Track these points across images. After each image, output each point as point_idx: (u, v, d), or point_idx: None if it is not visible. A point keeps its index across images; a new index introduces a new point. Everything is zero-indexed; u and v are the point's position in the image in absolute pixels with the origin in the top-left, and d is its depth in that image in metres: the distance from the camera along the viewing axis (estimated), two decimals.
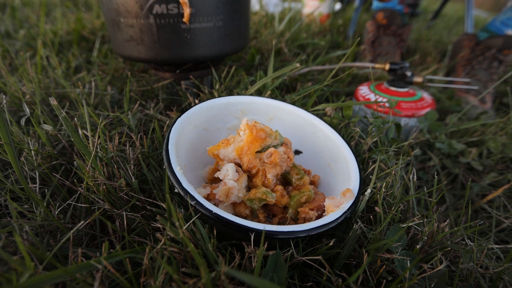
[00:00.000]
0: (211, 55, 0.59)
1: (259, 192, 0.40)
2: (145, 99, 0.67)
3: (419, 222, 0.39)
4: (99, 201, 0.38)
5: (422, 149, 0.63)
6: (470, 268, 0.36)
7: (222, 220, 0.31)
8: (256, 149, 0.42)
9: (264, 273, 0.29)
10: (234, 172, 0.40)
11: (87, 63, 0.79)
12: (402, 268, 0.34)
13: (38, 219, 0.35)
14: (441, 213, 0.55)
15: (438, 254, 0.34)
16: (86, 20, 0.97)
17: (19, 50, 0.78)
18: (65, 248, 0.33)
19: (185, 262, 0.31)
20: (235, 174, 0.40)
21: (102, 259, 0.26)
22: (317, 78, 0.80)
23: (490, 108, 0.81)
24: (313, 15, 1.26)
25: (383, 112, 0.62)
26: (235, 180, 0.40)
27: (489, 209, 0.51)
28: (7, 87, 0.57)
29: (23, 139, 0.45)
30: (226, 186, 0.39)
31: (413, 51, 1.19)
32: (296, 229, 0.33)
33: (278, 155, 0.41)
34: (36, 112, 0.48)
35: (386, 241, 0.34)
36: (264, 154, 0.41)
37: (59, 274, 0.24)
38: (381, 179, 0.45)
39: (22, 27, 0.90)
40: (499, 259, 0.43)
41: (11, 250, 0.31)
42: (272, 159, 0.41)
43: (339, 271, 0.35)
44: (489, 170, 0.60)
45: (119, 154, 0.43)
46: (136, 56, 0.57)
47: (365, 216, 0.42)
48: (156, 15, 0.52)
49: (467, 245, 0.39)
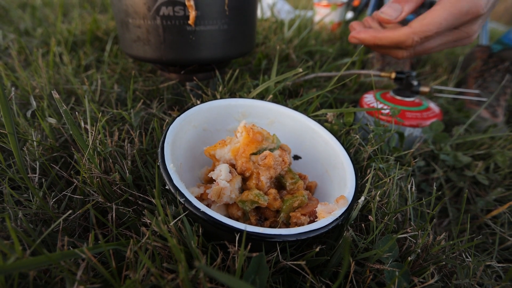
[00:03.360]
0: (216, 58, 0.59)
1: (251, 194, 0.39)
2: (150, 98, 0.68)
3: (414, 233, 0.37)
4: (93, 193, 0.38)
5: (426, 160, 0.61)
6: (466, 285, 0.35)
7: (208, 219, 0.31)
8: (251, 151, 0.42)
9: (246, 275, 0.28)
10: (227, 173, 0.40)
11: (98, 62, 0.81)
12: (391, 280, 0.32)
13: (34, 207, 0.36)
14: (442, 228, 0.53)
15: (430, 268, 0.33)
16: (101, 21, 1.00)
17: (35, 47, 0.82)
18: (56, 237, 0.34)
19: (169, 258, 0.31)
20: (228, 175, 0.40)
21: (85, 249, 0.26)
22: (323, 85, 0.80)
23: (502, 122, 0.78)
24: (323, 22, 1.26)
25: (386, 120, 0.61)
26: (228, 181, 0.40)
27: (493, 225, 0.49)
28: (19, 81, 0.60)
29: (28, 131, 0.47)
30: (218, 186, 0.39)
31: (424, 62, 1.17)
32: (285, 232, 0.32)
33: (272, 158, 0.41)
34: (42, 105, 0.50)
35: (376, 250, 0.33)
36: (259, 156, 0.41)
37: (43, 260, 0.25)
38: (378, 187, 0.44)
39: (40, 26, 0.94)
40: (499, 278, 0.41)
41: (4, 235, 0.32)
42: (266, 161, 0.41)
43: (328, 279, 0.34)
44: (496, 185, 0.58)
45: (117, 149, 0.43)
46: (143, 56, 0.58)
47: (358, 224, 0.41)
48: (163, 16, 0.53)
49: (464, 260, 0.37)
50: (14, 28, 0.94)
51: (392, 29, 0.44)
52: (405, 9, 0.43)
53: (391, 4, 0.44)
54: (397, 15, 0.43)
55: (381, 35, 0.44)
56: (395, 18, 0.43)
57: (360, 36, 0.46)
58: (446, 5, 0.39)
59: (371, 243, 0.37)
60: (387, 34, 0.44)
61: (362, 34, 0.46)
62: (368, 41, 0.46)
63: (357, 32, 0.47)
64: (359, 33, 0.47)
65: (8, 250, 0.26)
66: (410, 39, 0.41)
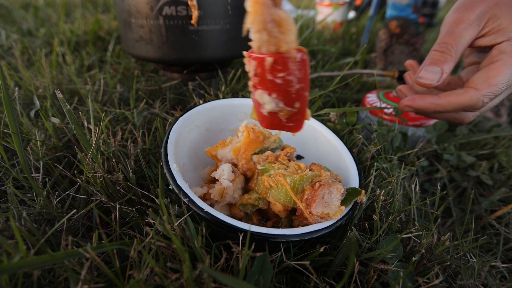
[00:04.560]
0: (218, 57, 0.59)
1: (251, 198, 0.39)
2: (153, 98, 0.68)
3: (418, 233, 0.37)
4: (97, 193, 0.38)
5: (429, 160, 0.61)
6: (470, 285, 0.34)
7: (212, 219, 0.31)
8: (252, 151, 0.42)
9: (250, 275, 0.28)
10: (230, 173, 0.40)
11: (100, 62, 0.81)
12: (395, 280, 0.32)
13: (38, 207, 0.37)
14: (446, 228, 0.53)
15: (435, 268, 0.33)
16: (104, 21, 1.00)
17: (38, 47, 0.82)
18: (60, 237, 0.34)
19: (173, 258, 0.31)
20: (230, 175, 0.40)
21: (89, 249, 0.26)
22: (325, 84, 0.80)
23: (505, 122, 0.78)
24: (325, 22, 1.26)
25: (389, 120, 0.61)
26: (231, 181, 0.40)
27: (497, 225, 0.49)
28: (22, 81, 0.60)
29: (31, 130, 0.47)
30: (220, 186, 0.39)
31: None
32: (288, 232, 0.32)
33: (273, 158, 0.41)
34: (45, 105, 0.50)
35: (380, 250, 0.33)
36: (260, 156, 0.41)
37: (47, 259, 0.25)
38: (382, 187, 0.44)
39: (43, 26, 0.95)
40: (503, 278, 0.40)
41: (8, 234, 0.32)
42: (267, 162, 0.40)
43: (332, 279, 0.34)
44: (500, 185, 0.57)
45: (120, 149, 0.43)
46: (145, 55, 0.58)
47: (362, 224, 0.41)
48: (166, 16, 0.53)
49: (469, 261, 0.37)
50: (17, 29, 0.94)
51: (454, 94, 0.39)
52: (445, 70, 0.39)
53: (428, 67, 0.39)
54: (438, 78, 0.39)
55: (443, 102, 0.39)
56: (437, 81, 0.39)
57: (417, 105, 0.41)
58: (507, 61, 0.37)
59: (375, 243, 0.37)
60: (450, 99, 0.39)
61: (419, 102, 0.41)
62: (428, 109, 0.41)
63: (410, 100, 0.42)
64: (413, 100, 0.41)
65: (13, 250, 0.26)
66: (480, 102, 0.38)
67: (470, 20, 0.38)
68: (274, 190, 0.36)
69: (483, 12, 0.38)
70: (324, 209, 0.34)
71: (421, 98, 0.41)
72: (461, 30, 0.39)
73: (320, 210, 0.34)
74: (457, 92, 0.39)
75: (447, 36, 0.40)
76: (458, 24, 0.39)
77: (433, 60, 0.40)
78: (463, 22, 0.39)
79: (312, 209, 0.34)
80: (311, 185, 0.35)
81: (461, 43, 0.39)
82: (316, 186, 0.34)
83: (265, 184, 0.37)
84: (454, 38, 0.39)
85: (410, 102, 0.42)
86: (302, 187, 0.35)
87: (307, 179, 0.35)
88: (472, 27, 0.39)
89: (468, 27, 0.39)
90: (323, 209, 0.34)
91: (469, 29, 0.39)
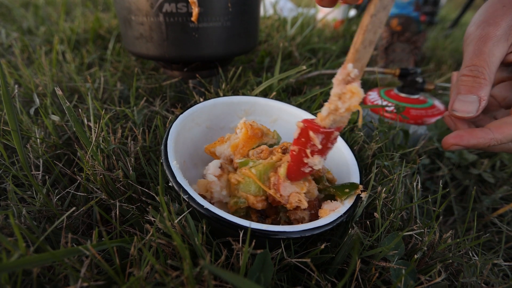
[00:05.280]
0: (219, 55, 0.59)
1: (233, 205, 0.37)
2: (153, 96, 0.68)
3: (420, 231, 0.37)
4: (97, 190, 0.38)
5: (430, 158, 0.61)
6: (473, 283, 0.34)
7: (211, 216, 0.31)
8: (250, 147, 0.42)
9: (251, 272, 0.28)
10: (216, 168, 0.39)
11: (100, 60, 0.81)
12: (397, 278, 0.32)
13: (37, 204, 0.36)
14: (448, 226, 0.53)
15: (437, 266, 0.33)
16: (104, 19, 1.00)
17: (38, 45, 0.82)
18: (60, 235, 0.33)
19: (173, 255, 0.30)
20: (216, 170, 0.39)
21: (89, 246, 0.26)
22: (326, 82, 0.79)
23: None
24: (326, 20, 1.25)
25: (390, 117, 0.61)
26: (216, 175, 0.39)
27: (499, 223, 0.49)
28: (22, 79, 0.60)
29: (31, 128, 0.47)
30: (204, 179, 0.39)
31: (428, 59, 1.16)
32: (289, 229, 0.32)
33: (268, 152, 0.40)
34: (45, 102, 0.50)
35: (382, 248, 0.33)
36: (255, 150, 0.41)
37: (46, 257, 0.25)
38: (383, 185, 0.44)
39: (43, 24, 0.94)
40: (506, 276, 0.40)
41: (8, 232, 0.32)
42: (262, 155, 0.40)
43: (333, 277, 0.34)
44: (502, 183, 0.57)
45: (120, 146, 0.43)
46: (145, 53, 0.58)
47: (363, 222, 0.40)
48: (166, 13, 0.53)
49: (471, 258, 0.37)
50: (17, 27, 0.94)
51: (506, 124, 0.35)
52: (483, 97, 0.35)
53: (462, 97, 0.35)
54: (476, 107, 0.35)
55: (497, 136, 0.35)
56: (476, 112, 0.35)
57: (467, 143, 0.36)
58: None
59: (377, 240, 0.36)
60: (505, 131, 0.35)
61: (469, 139, 0.36)
62: (482, 146, 0.36)
63: (457, 137, 0.36)
64: (461, 138, 0.36)
65: (12, 247, 0.26)
66: None
67: (497, 36, 0.34)
68: (242, 185, 0.37)
69: (509, 25, 0.35)
70: (293, 188, 0.35)
71: (470, 134, 0.36)
72: (490, 48, 0.35)
73: (289, 190, 0.35)
74: (509, 122, 0.35)
75: (475, 57, 0.35)
76: (486, 42, 0.35)
77: (466, 87, 0.35)
78: (490, 39, 0.35)
79: (281, 192, 0.35)
80: (274, 171, 0.36)
81: (492, 62, 0.35)
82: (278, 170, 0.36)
83: (232, 181, 0.37)
84: (484, 58, 0.35)
85: (457, 140, 0.36)
86: (267, 175, 0.36)
87: (271, 166, 0.36)
88: (501, 43, 0.35)
89: (497, 44, 0.35)
90: (291, 188, 0.35)
91: (498, 45, 0.35)
